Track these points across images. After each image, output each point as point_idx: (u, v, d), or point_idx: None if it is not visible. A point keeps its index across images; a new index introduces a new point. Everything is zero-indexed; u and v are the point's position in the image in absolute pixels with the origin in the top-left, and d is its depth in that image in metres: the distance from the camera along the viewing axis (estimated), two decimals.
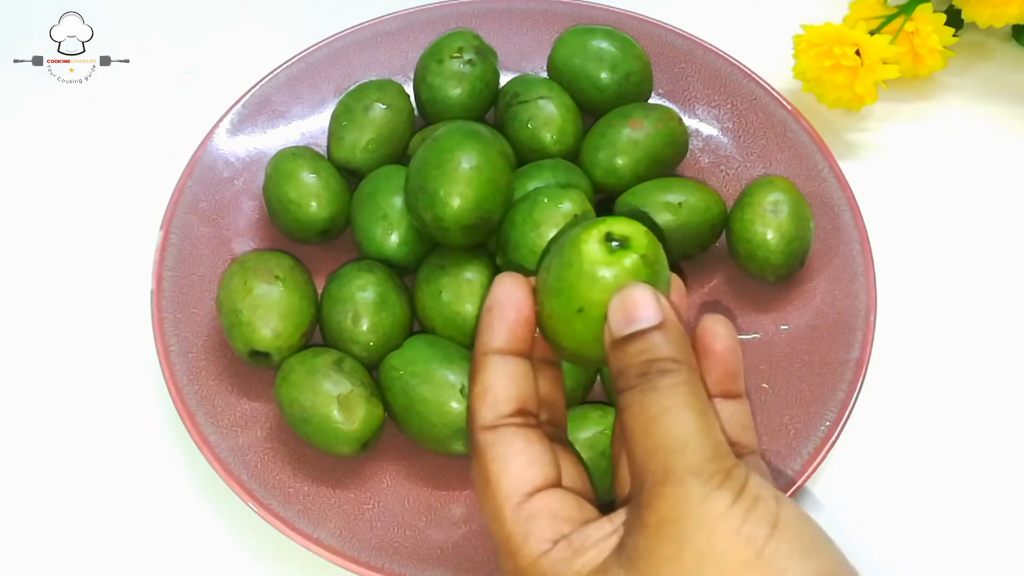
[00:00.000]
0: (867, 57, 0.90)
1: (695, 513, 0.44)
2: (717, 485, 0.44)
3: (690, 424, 0.46)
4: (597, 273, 0.51)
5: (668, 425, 0.46)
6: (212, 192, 0.86)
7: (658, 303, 0.49)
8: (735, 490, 0.44)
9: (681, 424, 0.46)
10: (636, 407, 0.47)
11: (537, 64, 0.95)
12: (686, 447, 0.45)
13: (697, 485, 0.44)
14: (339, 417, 0.71)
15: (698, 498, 0.44)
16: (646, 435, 0.47)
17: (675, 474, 0.45)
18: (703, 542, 0.43)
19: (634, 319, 0.49)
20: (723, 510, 0.44)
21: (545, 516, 0.49)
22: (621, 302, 0.49)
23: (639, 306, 0.49)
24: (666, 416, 0.46)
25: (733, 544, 0.43)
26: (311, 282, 0.79)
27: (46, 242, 0.90)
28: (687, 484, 0.44)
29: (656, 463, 0.46)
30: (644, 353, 0.48)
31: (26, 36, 1.02)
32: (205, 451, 0.72)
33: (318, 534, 0.70)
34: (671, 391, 0.47)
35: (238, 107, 0.89)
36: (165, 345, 0.77)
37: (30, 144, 0.97)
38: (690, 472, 0.45)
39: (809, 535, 0.44)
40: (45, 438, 0.80)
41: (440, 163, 0.74)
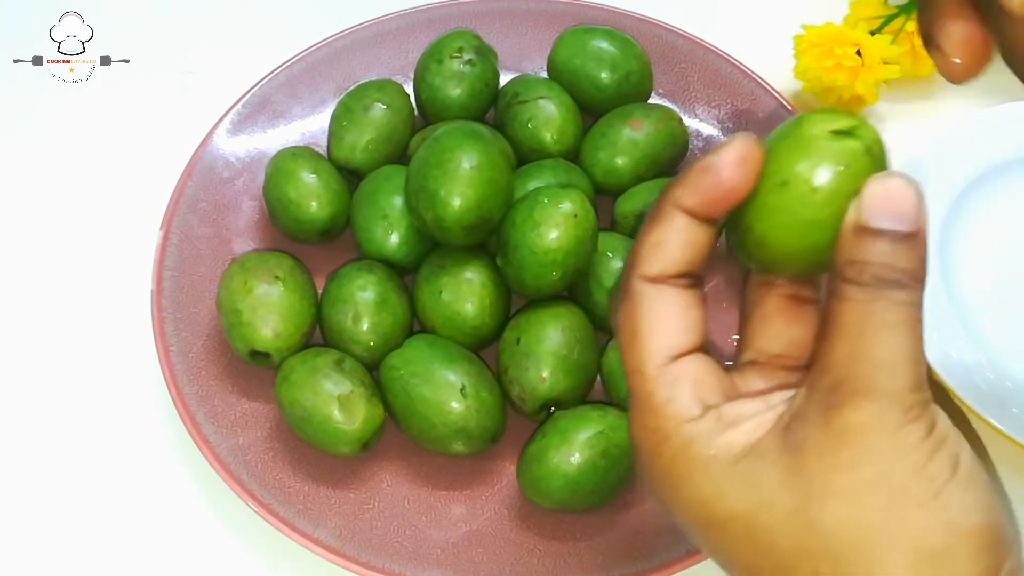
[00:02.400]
0: (868, 57, 0.91)
1: (887, 436, 0.42)
2: (915, 417, 0.42)
3: (907, 348, 0.43)
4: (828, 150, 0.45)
5: (887, 340, 0.43)
6: (212, 192, 0.86)
7: (921, 208, 0.44)
8: (927, 426, 0.43)
9: (900, 345, 0.43)
10: (860, 307, 0.44)
11: (537, 64, 0.95)
12: (896, 369, 0.43)
13: (897, 411, 0.42)
14: (339, 417, 0.71)
15: (894, 423, 0.42)
16: (860, 338, 0.43)
17: (878, 391, 0.43)
18: (886, 466, 0.42)
19: (895, 214, 0.44)
20: (914, 443, 0.42)
21: (690, 381, 0.47)
22: (885, 189, 0.44)
23: (904, 202, 0.44)
24: (888, 331, 0.43)
25: (915, 478, 0.42)
26: (311, 282, 0.79)
27: (46, 242, 0.90)
28: (888, 406, 0.42)
29: (862, 371, 0.43)
30: (891, 256, 0.44)
31: (26, 36, 1.02)
32: (205, 451, 0.72)
33: (318, 534, 0.70)
34: (902, 308, 0.43)
35: (238, 107, 0.89)
36: (165, 345, 0.77)
37: (30, 144, 0.97)
38: (894, 395, 0.42)
39: (984, 486, 0.43)
40: (46, 437, 0.80)
41: (440, 163, 0.74)
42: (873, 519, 0.42)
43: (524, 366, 0.73)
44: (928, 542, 0.41)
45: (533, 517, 0.73)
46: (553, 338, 0.74)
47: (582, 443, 0.70)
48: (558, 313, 0.75)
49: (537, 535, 0.72)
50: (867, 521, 0.42)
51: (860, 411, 0.43)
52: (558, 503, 0.71)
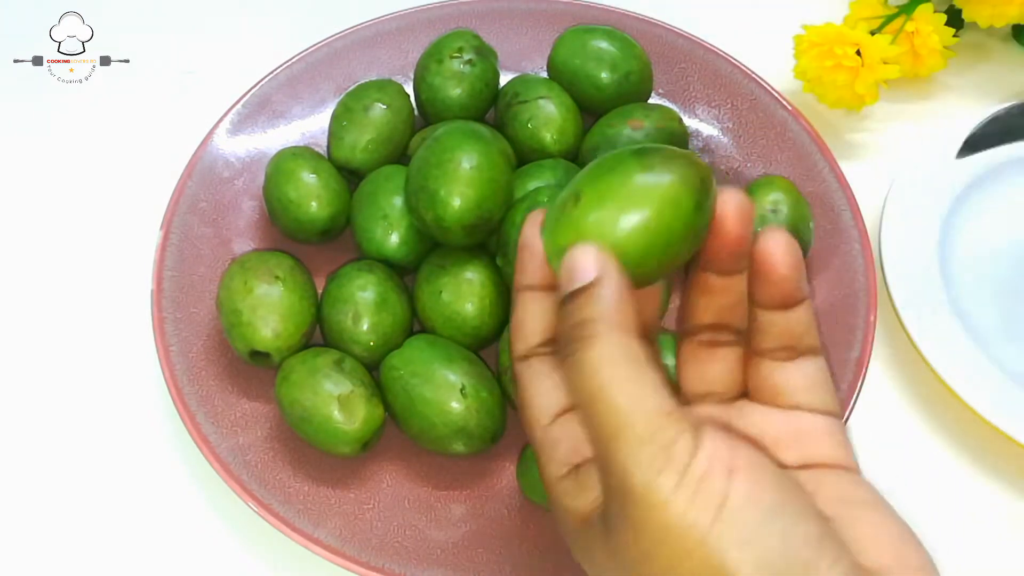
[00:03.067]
0: (868, 57, 0.90)
1: (642, 502, 0.43)
2: (658, 470, 0.42)
3: (622, 397, 0.44)
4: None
5: (602, 403, 0.44)
6: (212, 192, 0.86)
7: (596, 258, 0.47)
8: (678, 472, 0.42)
9: (613, 398, 0.44)
10: (572, 381, 0.46)
11: (537, 64, 0.95)
12: (621, 428, 0.44)
13: (638, 473, 0.43)
14: (340, 417, 0.71)
15: (641, 487, 0.43)
16: (589, 414, 0.45)
17: (617, 462, 0.44)
18: (655, 529, 0.42)
19: (570, 282, 0.47)
20: (667, 496, 0.42)
21: (564, 441, 0.49)
22: (564, 261, 0.48)
23: (576, 263, 0.47)
24: (602, 392, 0.44)
25: (679, 531, 0.42)
26: (311, 282, 0.79)
27: (46, 242, 0.90)
28: (629, 473, 0.43)
29: (600, 445, 0.45)
30: (573, 315, 0.47)
31: (26, 36, 1.02)
32: (205, 451, 0.72)
33: (318, 534, 0.70)
34: (599, 360, 0.45)
35: (238, 107, 0.89)
36: (165, 345, 0.77)
37: (30, 144, 0.97)
38: (629, 459, 0.43)
39: (756, 517, 0.42)
40: (45, 438, 0.80)
41: (441, 163, 0.74)
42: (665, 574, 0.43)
43: None
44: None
45: (534, 517, 0.73)
46: None
47: None
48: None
49: (538, 535, 0.72)
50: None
51: (615, 487, 0.44)
52: None
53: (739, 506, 0.42)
